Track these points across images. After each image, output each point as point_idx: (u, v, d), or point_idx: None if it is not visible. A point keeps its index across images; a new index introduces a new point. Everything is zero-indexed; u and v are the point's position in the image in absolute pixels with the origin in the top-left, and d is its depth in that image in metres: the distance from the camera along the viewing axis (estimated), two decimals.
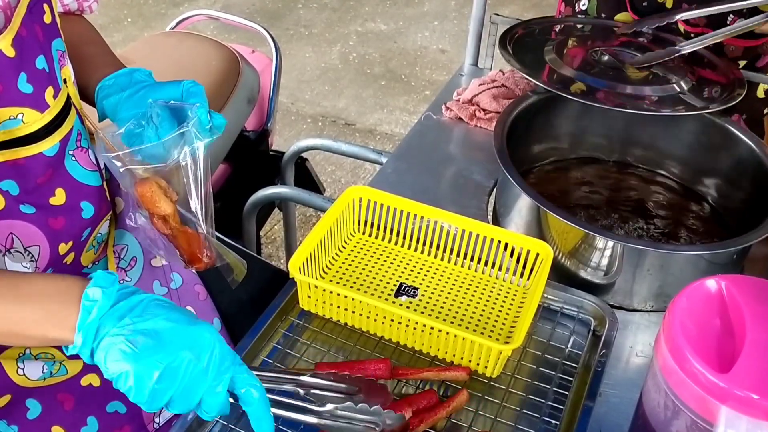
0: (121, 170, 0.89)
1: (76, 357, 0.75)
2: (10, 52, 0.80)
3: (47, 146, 0.87)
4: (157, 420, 1.06)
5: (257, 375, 0.77)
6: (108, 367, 0.71)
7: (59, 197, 0.92)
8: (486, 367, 0.95)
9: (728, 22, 1.45)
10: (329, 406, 0.81)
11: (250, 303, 1.10)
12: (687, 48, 1.36)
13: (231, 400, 0.75)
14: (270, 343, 1.00)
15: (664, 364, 0.76)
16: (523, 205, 1.16)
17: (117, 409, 1.01)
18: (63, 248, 0.93)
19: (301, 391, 0.84)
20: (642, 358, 1.05)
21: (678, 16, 1.41)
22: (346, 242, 1.14)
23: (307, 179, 2.00)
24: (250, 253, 1.25)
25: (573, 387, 0.96)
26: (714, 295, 0.78)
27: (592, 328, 1.05)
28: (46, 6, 0.87)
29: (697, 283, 0.80)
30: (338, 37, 3.86)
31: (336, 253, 1.12)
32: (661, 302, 1.11)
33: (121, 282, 1.04)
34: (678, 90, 1.28)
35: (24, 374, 0.95)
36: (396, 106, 3.38)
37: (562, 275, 1.12)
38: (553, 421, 0.92)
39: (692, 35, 1.46)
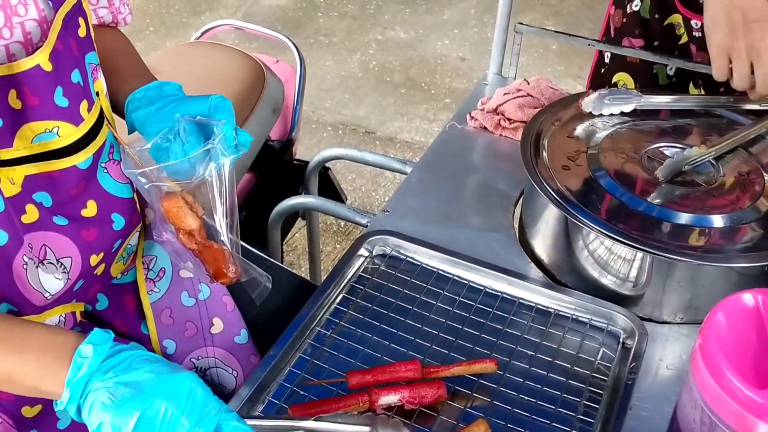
0: (146, 186, 0.89)
1: None
2: (48, 66, 0.81)
3: (81, 159, 0.88)
4: None
5: (254, 424, 0.75)
6: (91, 421, 0.72)
7: (91, 209, 0.92)
8: None
9: None
10: None
11: (278, 313, 1.11)
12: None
13: None
14: (297, 353, 1.00)
15: (700, 380, 0.75)
16: (550, 215, 1.16)
17: None
18: (94, 260, 0.94)
19: None
20: (672, 371, 1.04)
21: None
22: None
23: (329, 188, 2.01)
24: (278, 263, 1.26)
25: (603, 400, 0.95)
26: (750, 310, 0.78)
27: (621, 340, 1.04)
28: (81, 19, 0.88)
29: (732, 298, 0.79)
30: (358, 45, 3.87)
31: None
32: (692, 314, 1.10)
33: (149, 292, 1.05)
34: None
35: None
36: (416, 114, 3.37)
37: (590, 286, 1.12)
38: None
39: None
